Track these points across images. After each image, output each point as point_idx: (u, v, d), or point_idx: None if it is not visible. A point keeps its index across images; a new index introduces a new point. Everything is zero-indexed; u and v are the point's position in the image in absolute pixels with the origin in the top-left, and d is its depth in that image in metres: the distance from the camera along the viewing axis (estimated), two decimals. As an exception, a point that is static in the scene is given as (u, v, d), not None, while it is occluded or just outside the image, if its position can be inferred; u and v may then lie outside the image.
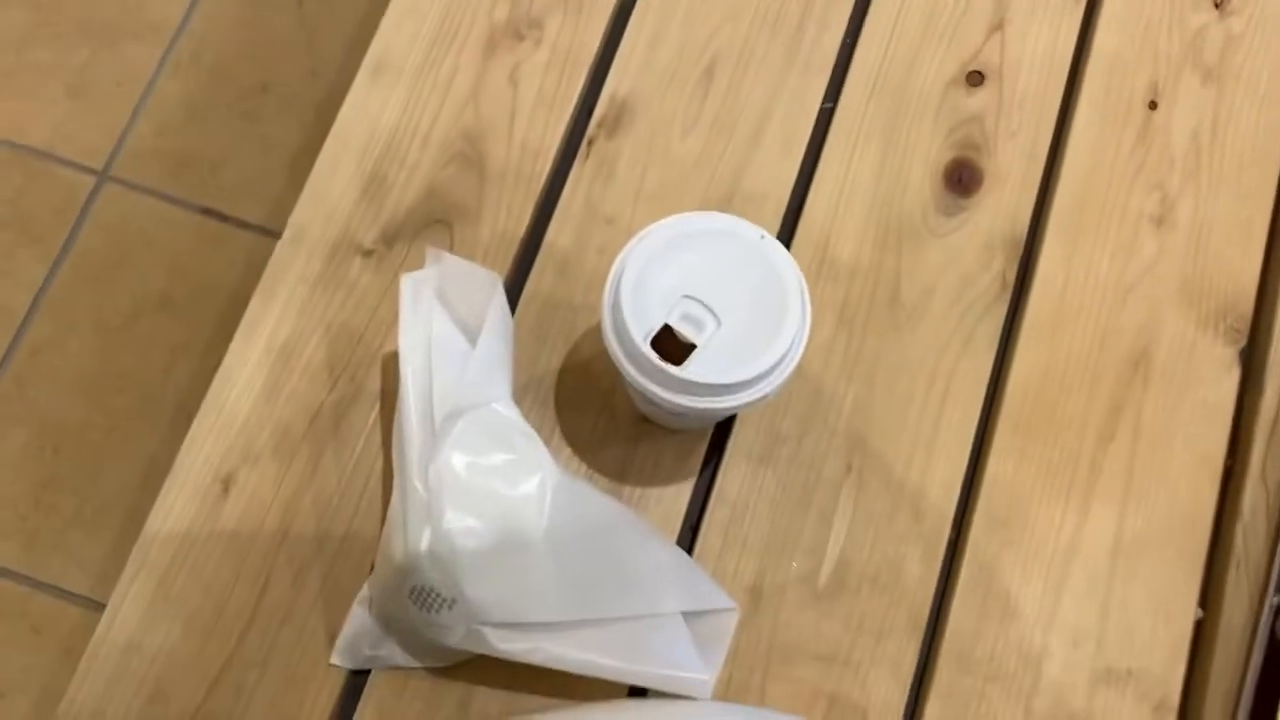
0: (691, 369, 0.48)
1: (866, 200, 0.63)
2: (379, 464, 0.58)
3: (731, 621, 0.54)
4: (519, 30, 0.66)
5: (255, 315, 0.60)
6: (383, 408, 0.59)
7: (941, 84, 0.66)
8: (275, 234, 0.61)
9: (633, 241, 0.50)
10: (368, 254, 0.61)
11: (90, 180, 1.11)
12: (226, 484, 0.57)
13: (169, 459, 0.57)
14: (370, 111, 0.63)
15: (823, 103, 0.65)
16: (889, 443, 0.59)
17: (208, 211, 1.09)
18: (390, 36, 0.65)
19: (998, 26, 0.67)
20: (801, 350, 0.49)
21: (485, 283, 0.53)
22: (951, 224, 0.63)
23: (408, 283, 0.52)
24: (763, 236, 0.50)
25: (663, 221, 0.50)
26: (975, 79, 0.66)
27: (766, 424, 0.59)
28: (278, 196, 1.07)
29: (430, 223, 0.62)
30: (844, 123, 0.65)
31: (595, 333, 0.61)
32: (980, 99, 0.65)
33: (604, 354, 0.60)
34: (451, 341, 0.52)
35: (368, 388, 0.59)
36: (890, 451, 0.59)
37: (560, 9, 0.66)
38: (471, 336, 0.52)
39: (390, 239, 0.61)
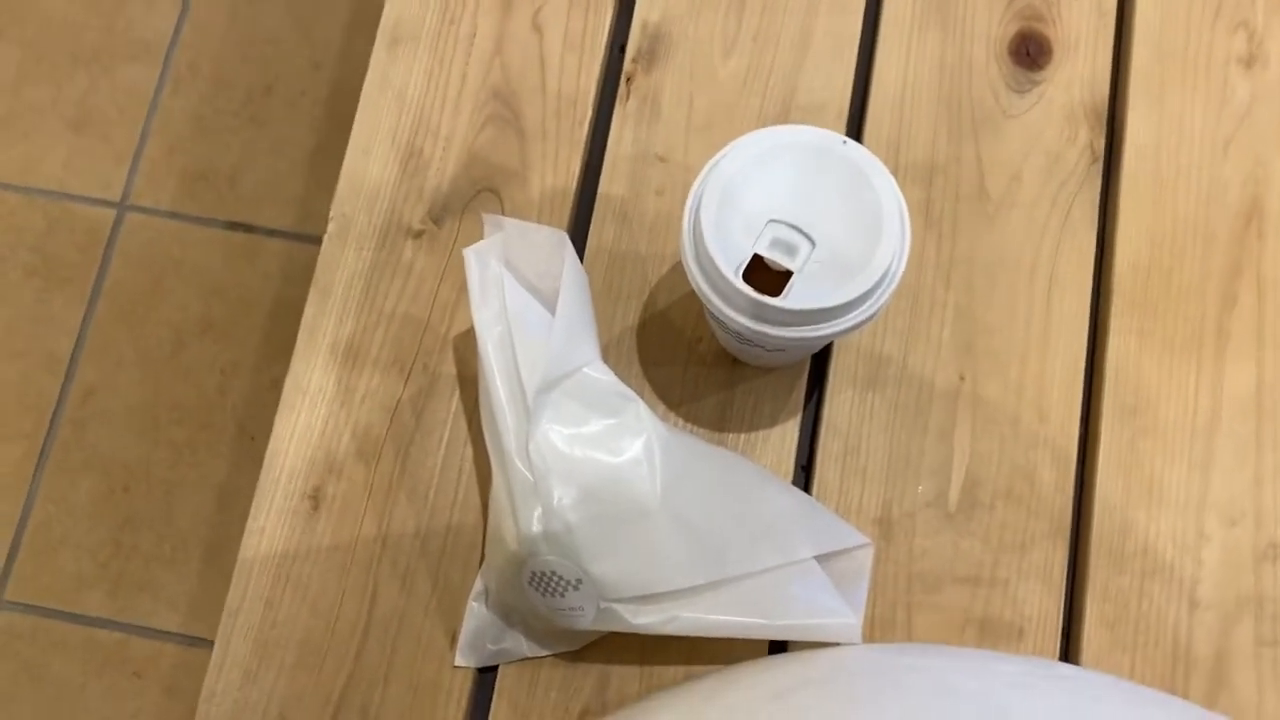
0: (792, 297, 0.44)
1: (932, 91, 0.59)
2: (469, 451, 0.55)
3: (867, 558, 0.51)
4: (534, -27, 0.62)
5: (313, 318, 0.57)
6: (463, 392, 0.55)
7: (990, -45, 0.61)
8: (305, 237, 0.58)
9: (702, 174, 0.47)
10: (418, 235, 0.58)
11: (110, 213, 1.08)
12: (315, 499, 0.55)
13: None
14: (394, 85, 0.60)
15: (867, -4, 0.61)
16: (999, 345, 0.55)
17: (233, 225, 1.06)
18: (401, 4, 0.61)
19: (1040, -117, 0.62)
20: (906, 255, 0.45)
21: (552, 242, 0.49)
22: (1026, 101, 0.59)
23: (471, 256, 0.49)
24: (844, 142, 0.46)
25: (731, 145, 0.46)
26: (1025, -57, 0.61)
27: (866, 346, 0.56)
28: (301, 197, 1.04)
29: (477, 192, 0.58)
30: (894, 14, 0.60)
31: (669, 281, 0.57)
32: (1034, -36, 0.61)
33: (682, 302, 0.57)
34: (528, 310, 0.48)
35: (444, 374, 0.56)
36: (1002, 354, 0.55)
37: (573, -56, 0.62)
38: (548, 301, 0.49)
39: (438, 216, 0.58)
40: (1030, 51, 0.59)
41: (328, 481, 0.55)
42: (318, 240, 0.58)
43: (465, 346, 0.56)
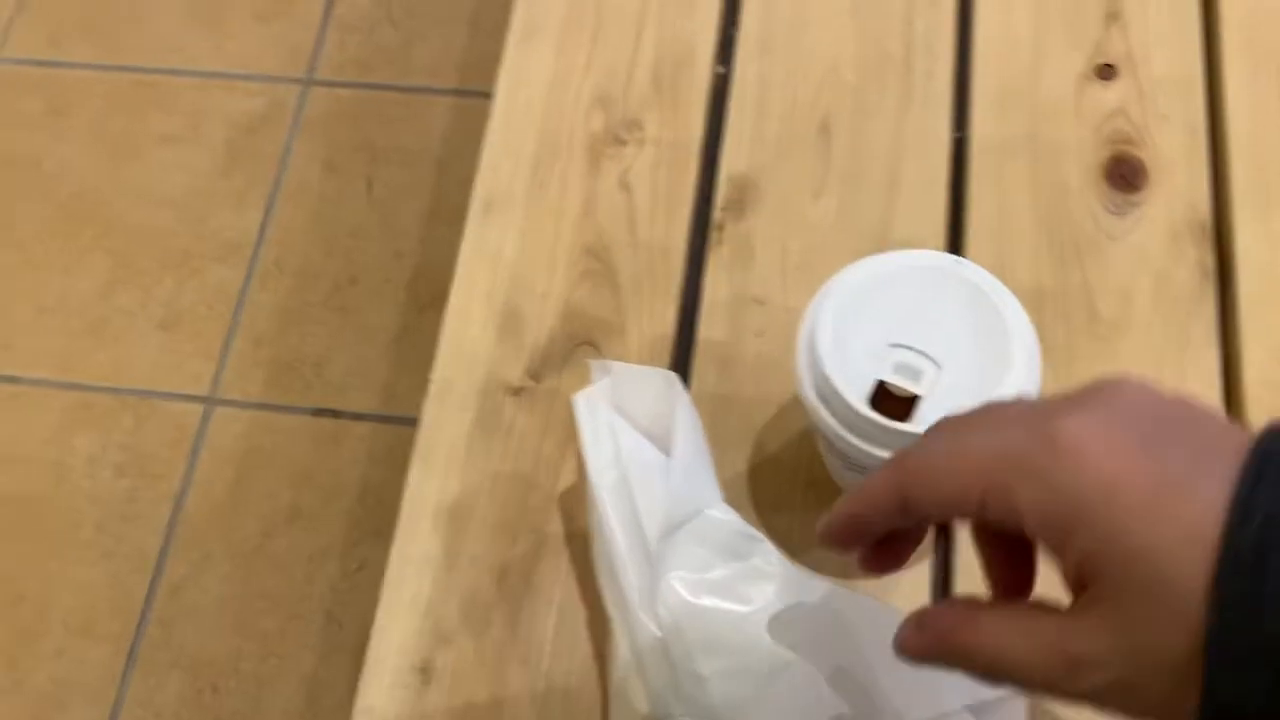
0: (926, 422, 0.42)
1: (1028, 219, 0.58)
2: (582, 612, 0.52)
3: (1021, 704, 0.47)
4: (619, 135, 0.63)
5: (416, 484, 0.56)
6: (572, 550, 0.53)
7: (1071, 84, 0.61)
8: (391, 419, 0.58)
9: (814, 302, 0.46)
10: (518, 392, 0.57)
11: (198, 408, 1.10)
12: (425, 671, 0.52)
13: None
14: (489, 249, 0.60)
15: (953, 133, 0.61)
16: (1132, 469, 0.52)
17: (320, 412, 1.07)
18: (492, 172, 0.62)
19: (1115, 15, 0.62)
20: (1039, 374, 0.43)
21: (662, 383, 0.48)
22: (1127, 223, 0.58)
23: (581, 401, 0.48)
24: (958, 262, 0.45)
25: (843, 271, 0.46)
26: (1106, 72, 0.61)
27: (991, 478, 0.53)
28: (387, 381, 1.05)
29: (575, 346, 0.58)
30: (982, 147, 0.60)
31: (776, 424, 0.55)
32: (1118, 90, 0.61)
33: (794, 443, 0.55)
34: (643, 453, 0.47)
35: (551, 533, 0.54)
36: (1136, 478, 0.52)
37: (655, 104, 0.63)
38: (660, 445, 0.47)
39: (537, 371, 0.57)
40: (1125, 175, 0.59)
41: (437, 653, 0.52)
42: (403, 421, 0.58)
43: (572, 503, 0.54)
